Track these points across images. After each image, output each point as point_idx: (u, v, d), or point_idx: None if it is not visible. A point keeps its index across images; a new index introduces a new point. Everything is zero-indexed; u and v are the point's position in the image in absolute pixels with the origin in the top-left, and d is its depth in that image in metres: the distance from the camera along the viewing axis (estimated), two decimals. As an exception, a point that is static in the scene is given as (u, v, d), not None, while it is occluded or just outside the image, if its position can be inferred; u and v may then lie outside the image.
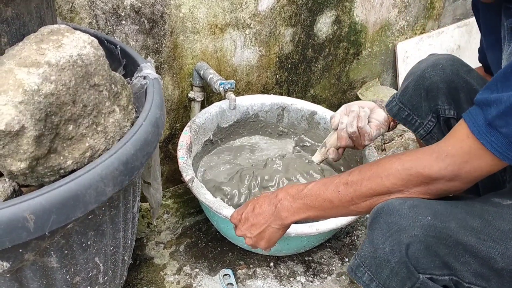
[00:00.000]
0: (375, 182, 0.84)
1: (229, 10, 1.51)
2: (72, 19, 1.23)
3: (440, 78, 1.15)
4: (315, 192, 0.90)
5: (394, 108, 1.24)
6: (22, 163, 0.72)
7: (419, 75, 1.18)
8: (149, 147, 0.87)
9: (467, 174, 0.79)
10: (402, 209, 0.80)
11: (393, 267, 0.80)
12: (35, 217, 0.68)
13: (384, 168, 0.83)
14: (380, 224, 0.82)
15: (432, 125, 1.20)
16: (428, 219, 0.78)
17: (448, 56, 1.20)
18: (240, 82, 1.71)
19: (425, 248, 0.78)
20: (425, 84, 1.17)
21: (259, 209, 0.98)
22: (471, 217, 0.80)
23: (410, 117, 1.22)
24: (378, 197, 0.84)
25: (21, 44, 0.78)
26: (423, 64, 1.20)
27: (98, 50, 0.82)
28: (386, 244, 0.80)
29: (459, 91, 1.14)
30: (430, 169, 0.79)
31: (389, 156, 0.86)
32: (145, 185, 1.13)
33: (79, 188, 0.72)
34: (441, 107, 1.17)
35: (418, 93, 1.19)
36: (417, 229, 0.78)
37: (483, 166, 0.78)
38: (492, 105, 0.74)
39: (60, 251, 0.80)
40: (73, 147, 0.80)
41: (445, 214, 0.80)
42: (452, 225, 0.78)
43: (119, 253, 1.00)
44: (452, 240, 0.78)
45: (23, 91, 0.70)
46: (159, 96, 0.95)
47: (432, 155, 0.80)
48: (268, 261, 1.42)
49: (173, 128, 1.63)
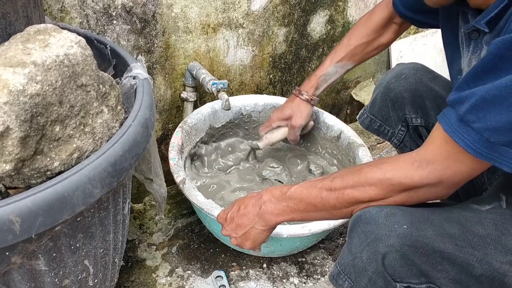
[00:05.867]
0: (357, 191, 0.83)
1: (221, 10, 1.50)
2: (63, 18, 1.21)
3: (404, 88, 1.18)
4: (298, 195, 0.89)
5: (365, 120, 1.30)
6: (7, 165, 0.71)
7: (385, 86, 1.22)
8: (138, 148, 0.86)
9: (449, 179, 0.78)
10: (378, 217, 0.80)
11: (370, 276, 0.80)
12: (21, 220, 0.67)
13: (366, 178, 0.82)
14: (358, 232, 0.82)
15: (403, 134, 1.24)
16: (404, 228, 0.78)
17: (413, 65, 1.22)
18: (233, 82, 1.70)
19: (401, 258, 0.78)
20: (390, 95, 1.20)
21: (244, 209, 0.98)
22: (448, 224, 0.80)
23: (382, 128, 1.27)
24: (360, 204, 0.84)
25: (7, 43, 0.77)
26: (388, 75, 1.23)
27: (85, 50, 0.81)
28: (363, 254, 0.81)
29: (424, 99, 1.16)
30: (412, 179, 0.78)
31: (371, 163, 0.85)
32: (147, 182, 1.12)
33: (66, 190, 0.71)
34: (408, 116, 1.20)
35: (385, 104, 1.23)
36: (393, 239, 0.78)
37: (464, 170, 0.76)
38: (464, 102, 0.72)
39: (48, 254, 0.79)
40: (60, 148, 0.78)
41: (422, 221, 0.79)
42: (429, 233, 0.78)
43: (110, 255, 0.99)
44: (428, 248, 0.77)
45: (8, 92, 0.69)
46: (149, 97, 0.94)
47: (413, 164, 0.78)
48: (261, 262, 1.41)
49: (165, 129, 1.62)
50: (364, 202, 0.83)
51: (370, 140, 2.01)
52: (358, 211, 0.84)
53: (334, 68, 1.34)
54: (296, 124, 1.44)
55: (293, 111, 1.44)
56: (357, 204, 0.84)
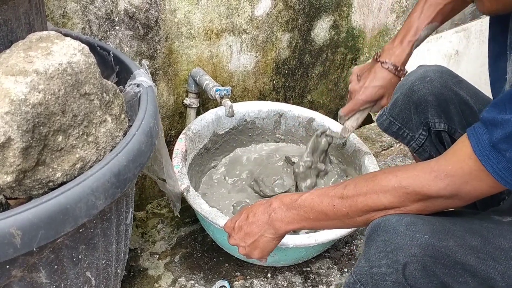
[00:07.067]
0: (371, 199, 0.81)
1: (225, 15, 1.48)
2: (65, 24, 1.20)
3: (429, 90, 1.13)
4: (309, 203, 0.87)
5: (384, 122, 1.22)
6: (9, 176, 0.69)
7: (408, 88, 1.16)
8: (142, 158, 0.84)
9: (466, 194, 0.76)
10: (399, 226, 0.78)
11: (389, 286, 0.78)
12: (22, 233, 0.65)
13: (381, 185, 0.80)
14: (377, 241, 0.80)
15: (424, 138, 1.19)
16: (426, 238, 0.76)
17: (437, 67, 1.17)
18: (237, 88, 1.68)
19: (422, 268, 0.75)
20: (413, 97, 1.15)
21: (253, 217, 0.95)
22: (470, 235, 0.78)
23: (402, 131, 1.21)
24: (374, 212, 0.82)
25: (8, 51, 0.75)
26: (411, 77, 1.17)
27: (89, 58, 0.79)
28: (382, 263, 0.78)
29: (448, 103, 1.12)
30: (428, 189, 0.76)
31: (385, 171, 0.83)
32: (160, 182, 1.11)
33: (69, 202, 0.69)
34: (431, 120, 1.15)
35: (407, 106, 1.17)
36: (415, 248, 0.75)
37: (483, 188, 0.75)
38: (498, 126, 0.71)
39: (50, 266, 0.77)
40: (63, 158, 0.77)
41: (444, 231, 0.77)
42: (450, 244, 0.76)
43: (112, 266, 0.97)
44: (450, 259, 0.75)
45: (10, 101, 0.67)
46: (153, 105, 0.92)
47: (430, 174, 0.76)
48: (265, 272, 1.39)
49: (168, 135, 1.60)
50: (378, 210, 0.81)
51: (375, 147, 1.99)
52: (376, 219, 0.81)
53: (425, 31, 1.16)
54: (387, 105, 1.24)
55: (385, 91, 1.21)
56: (371, 213, 0.82)
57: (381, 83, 1.19)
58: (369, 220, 0.83)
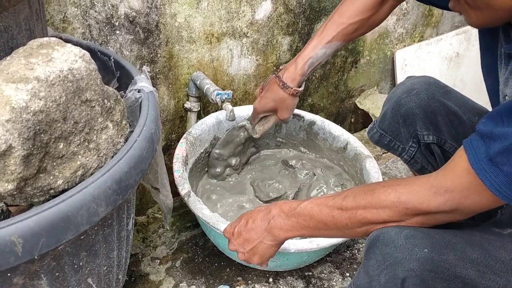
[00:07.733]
0: (370, 213, 0.80)
1: (225, 19, 1.48)
2: (65, 29, 1.19)
3: (416, 103, 1.13)
4: (309, 212, 0.87)
5: (375, 135, 1.24)
6: (10, 184, 0.69)
7: (395, 102, 1.17)
8: (143, 164, 0.83)
9: (466, 208, 0.76)
10: (398, 239, 0.77)
11: None
12: (23, 241, 0.64)
13: (380, 200, 0.80)
14: (376, 254, 0.79)
15: (414, 150, 1.20)
16: (425, 252, 0.75)
17: (424, 78, 1.17)
18: (237, 92, 1.68)
19: (421, 282, 0.75)
20: (401, 110, 1.16)
21: (252, 224, 0.95)
22: (470, 248, 0.77)
23: (392, 143, 1.22)
24: (374, 225, 0.82)
25: (9, 58, 0.75)
26: (399, 90, 1.18)
27: (90, 64, 0.78)
28: (381, 277, 0.78)
29: (436, 115, 1.12)
30: (428, 204, 0.76)
31: (384, 184, 0.82)
32: (154, 191, 1.10)
33: (70, 209, 0.69)
34: (420, 133, 1.16)
35: (396, 119, 1.18)
36: (414, 263, 0.75)
37: (483, 202, 0.74)
38: (496, 140, 0.70)
39: (51, 274, 0.77)
40: (64, 166, 0.76)
41: (444, 245, 0.76)
42: (450, 258, 0.75)
43: (113, 272, 0.96)
44: (450, 273, 0.75)
45: (11, 109, 0.67)
46: (154, 110, 0.92)
47: (430, 190, 0.76)
48: (267, 276, 1.39)
49: (169, 139, 1.60)
50: (378, 223, 0.81)
51: (376, 150, 1.98)
52: (376, 230, 0.81)
53: (323, 50, 1.18)
54: (284, 118, 1.32)
55: (276, 105, 1.29)
56: (370, 225, 0.82)
57: (272, 96, 1.27)
58: (369, 231, 0.82)
